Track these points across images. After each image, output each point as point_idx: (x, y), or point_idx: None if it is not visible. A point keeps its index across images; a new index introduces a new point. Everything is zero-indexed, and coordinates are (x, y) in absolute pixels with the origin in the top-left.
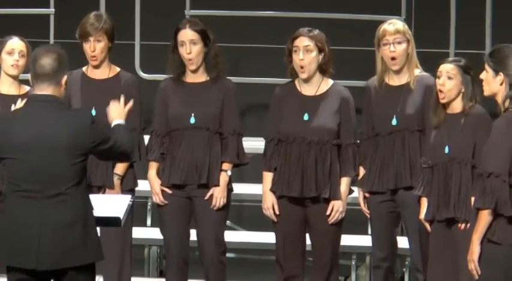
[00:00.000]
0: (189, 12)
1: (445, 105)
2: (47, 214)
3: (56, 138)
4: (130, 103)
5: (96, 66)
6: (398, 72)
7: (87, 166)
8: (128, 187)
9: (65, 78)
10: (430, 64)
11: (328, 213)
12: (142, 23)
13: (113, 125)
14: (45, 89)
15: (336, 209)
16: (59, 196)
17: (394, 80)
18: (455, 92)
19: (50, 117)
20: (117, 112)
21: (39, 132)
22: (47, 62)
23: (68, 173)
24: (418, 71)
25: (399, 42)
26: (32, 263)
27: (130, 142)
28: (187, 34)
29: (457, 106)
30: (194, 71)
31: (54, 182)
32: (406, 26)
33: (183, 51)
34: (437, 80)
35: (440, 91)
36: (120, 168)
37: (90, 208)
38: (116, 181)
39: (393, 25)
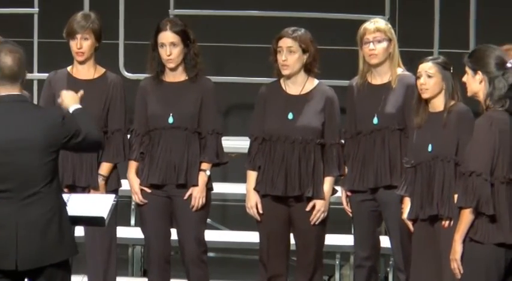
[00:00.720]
0: (173, 11)
1: (427, 104)
2: (23, 213)
3: (29, 139)
4: (81, 92)
5: (82, 63)
6: (380, 71)
7: (58, 163)
8: (112, 187)
9: (25, 77)
10: (415, 64)
11: (308, 209)
12: (126, 23)
13: (71, 111)
14: (10, 89)
15: (318, 208)
16: (34, 195)
17: (376, 79)
18: (437, 89)
19: (20, 118)
20: (71, 98)
21: (11, 134)
22: (8, 61)
23: (41, 172)
24: (400, 70)
25: (379, 41)
26: (11, 264)
27: (98, 130)
28: (167, 36)
29: (439, 104)
30: (173, 70)
31: (30, 182)
32: (389, 25)
33: (163, 52)
34: (418, 80)
35: (422, 89)
36: (104, 169)
37: (63, 204)
38: (101, 181)
39: (374, 24)
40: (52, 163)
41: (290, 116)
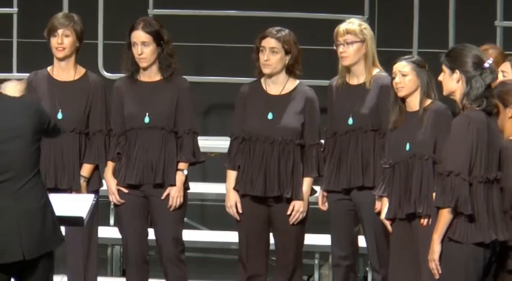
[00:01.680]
0: (152, 11)
1: (404, 104)
2: (21, 203)
3: (19, 127)
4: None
5: (61, 60)
6: (356, 71)
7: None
8: (94, 187)
9: None
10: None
11: (288, 213)
12: (105, 23)
13: None
14: None
15: (297, 209)
16: (28, 184)
17: (353, 80)
18: (413, 86)
19: (3, 108)
20: (15, 90)
21: (1, 124)
22: None
23: (32, 161)
24: (377, 71)
25: (349, 43)
26: (18, 254)
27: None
28: (138, 35)
29: (415, 103)
30: (146, 70)
31: (23, 171)
32: (364, 26)
33: (135, 51)
34: (393, 80)
35: (397, 89)
36: (85, 170)
37: (47, 195)
38: (82, 183)
39: (345, 26)
40: (38, 151)
41: (270, 116)
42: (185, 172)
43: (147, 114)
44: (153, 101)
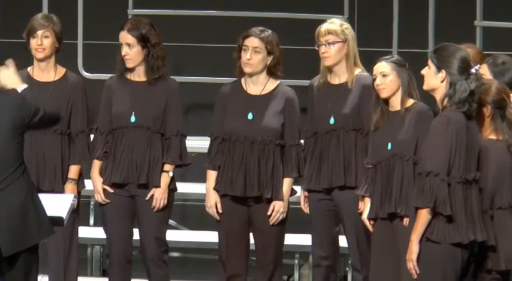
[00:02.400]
0: (131, 11)
1: (386, 104)
2: (2, 197)
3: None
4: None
5: (41, 60)
6: (337, 71)
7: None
8: (78, 189)
9: None
10: (373, 63)
11: (269, 213)
12: (85, 23)
13: (20, 91)
14: None
15: (277, 209)
16: (8, 179)
17: (335, 79)
18: (395, 86)
19: None
20: (12, 80)
21: None
22: None
23: (12, 155)
24: (358, 71)
25: (330, 43)
26: None
27: (50, 104)
28: (124, 36)
29: (397, 103)
30: (134, 70)
31: (3, 166)
32: (345, 26)
33: (122, 51)
34: (374, 82)
35: (379, 90)
36: (73, 172)
37: (33, 186)
38: (72, 185)
39: (326, 26)
40: (20, 145)
41: (250, 116)
42: (170, 174)
43: (133, 113)
44: (140, 100)
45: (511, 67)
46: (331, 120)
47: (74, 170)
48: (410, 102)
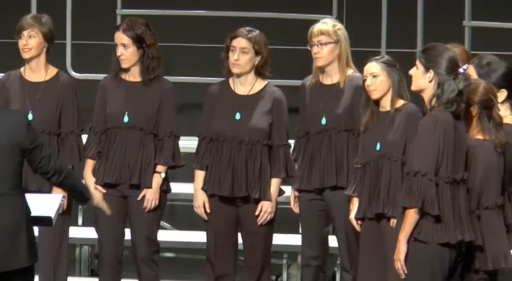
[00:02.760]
0: (120, 11)
1: (377, 105)
2: None
3: None
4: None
5: (28, 61)
6: (329, 71)
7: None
8: None
9: None
10: (362, 63)
11: (257, 213)
12: (73, 23)
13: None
14: None
15: (265, 209)
16: (1, 198)
17: (327, 80)
18: (385, 87)
19: None
20: (98, 199)
21: None
22: None
23: (9, 173)
24: (351, 71)
25: (323, 44)
26: None
27: (67, 172)
28: (119, 37)
29: (387, 103)
30: (129, 70)
31: (1, 182)
32: (338, 26)
33: (117, 51)
34: (364, 82)
35: (370, 90)
36: None
37: (28, 208)
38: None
39: (319, 26)
40: (18, 165)
41: (238, 116)
42: (163, 175)
43: (126, 113)
44: (134, 101)
45: (497, 67)
46: (323, 121)
47: None
48: (400, 103)
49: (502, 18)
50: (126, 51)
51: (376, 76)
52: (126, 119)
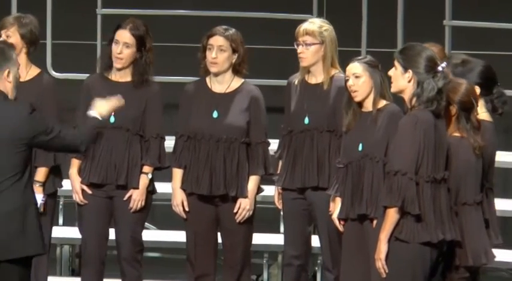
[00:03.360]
0: (100, 11)
1: (359, 106)
2: None
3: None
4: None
5: None
6: (314, 71)
7: (31, 159)
8: (51, 189)
9: (6, 71)
10: (342, 63)
11: (235, 211)
12: (53, 22)
13: (90, 115)
14: None
15: (243, 207)
16: (1, 184)
17: (312, 79)
18: (367, 88)
19: None
20: (101, 108)
21: None
22: None
23: (11, 163)
24: (336, 72)
25: (307, 44)
26: None
27: (82, 136)
28: (123, 35)
29: (369, 104)
30: (120, 70)
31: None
32: (324, 27)
33: (115, 49)
34: (347, 83)
35: (353, 91)
36: (39, 175)
37: (31, 200)
38: (38, 187)
39: (305, 26)
40: (21, 156)
41: (215, 114)
42: (149, 176)
43: (112, 114)
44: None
45: (473, 67)
46: (306, 120)
47: (40, 173)
48: (382, 103)
49: (483, 17)
50: (127, 50)
51: (359, 77)
52: (112, 119)
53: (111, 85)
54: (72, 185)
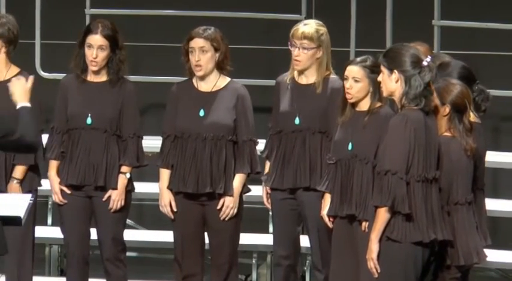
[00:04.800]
0: (89, 11)
1: (353, 105)
2: None
3: None
4: (31, 79)
5: None
6: (306, 72)
7: None
8: (27, 188)
9: None
10: (332, 63)
11: (218, 208)
12: (42, 22)
13: (17, 107)
14: None
15: (227, 204)
16: None
17: (303, 79)
18: (363, 93)
19: None
20: (21, 91)
21: None
22: None
23: None
24: (329, 73)
25: (305, 48)
26: None
27: (35, 132)
28: (96, 39)
29: (364, 105)
30: (95, 72)
31: None
32: (321, 31)
33: (89, 53)
34: (344, 82)
35: (348, 93)
36: (18, 172)
37: None
38: (15, 184)
39: (303, 29)
40: None
41: (201, 113)
42: (128, 175)
43: (89, 115)
44: (97, 102)
45: (451, 71)
46: (296, 120)
47: (19, 170)
48: (377, 105)
49: (471, 17)
50: (102, 53)
51: (358, 81)
52: (89, 120)
53: (88, 86)
54: (52, 186)
